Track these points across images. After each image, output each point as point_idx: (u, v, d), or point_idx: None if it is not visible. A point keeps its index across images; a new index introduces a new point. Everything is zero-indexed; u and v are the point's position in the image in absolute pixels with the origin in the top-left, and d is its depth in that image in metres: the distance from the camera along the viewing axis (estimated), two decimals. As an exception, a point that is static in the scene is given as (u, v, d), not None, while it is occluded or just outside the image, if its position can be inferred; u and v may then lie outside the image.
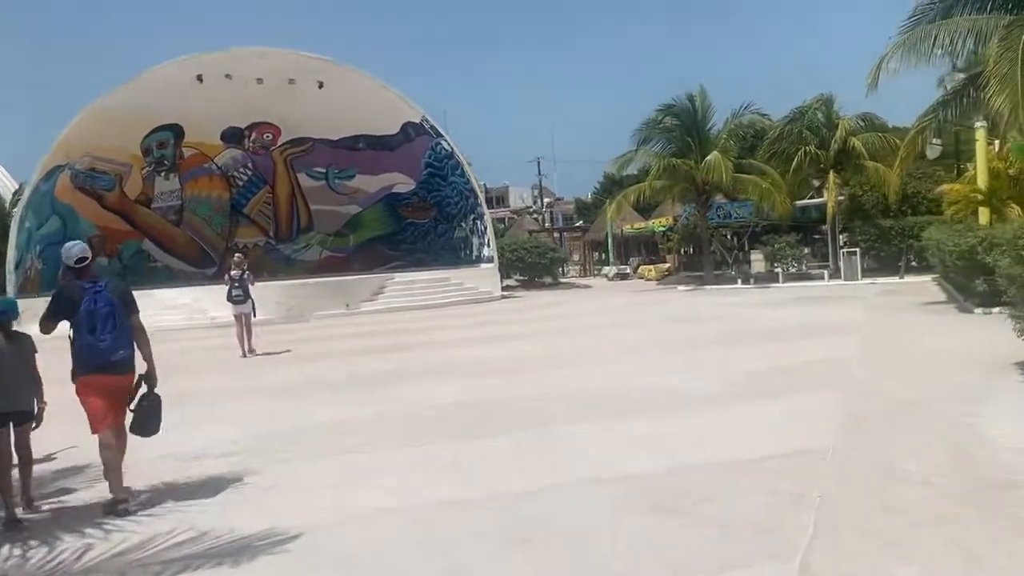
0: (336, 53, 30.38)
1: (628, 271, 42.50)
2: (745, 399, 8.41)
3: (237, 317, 15.99)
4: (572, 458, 6.35)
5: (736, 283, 29.26)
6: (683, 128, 29.59)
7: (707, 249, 31.49)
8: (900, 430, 6.70)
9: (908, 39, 16.05)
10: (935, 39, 15.67)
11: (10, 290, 26.00)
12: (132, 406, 5.87)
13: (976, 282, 15.25)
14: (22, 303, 6.70)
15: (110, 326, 5.60)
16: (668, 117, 29.95)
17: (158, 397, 5.94)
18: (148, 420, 5.89)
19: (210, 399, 10.61)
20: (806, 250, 32.48)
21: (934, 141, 19.68)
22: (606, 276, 42.32)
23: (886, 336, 13.05)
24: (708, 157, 27.73)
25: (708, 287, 28.62)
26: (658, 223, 40.81)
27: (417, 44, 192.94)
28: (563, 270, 42.47)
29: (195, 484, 6.24)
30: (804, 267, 30.78)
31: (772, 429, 7.05)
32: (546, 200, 78.01)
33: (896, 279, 26.85)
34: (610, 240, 45.05)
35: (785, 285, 27.48)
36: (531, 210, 77.81)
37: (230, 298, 16.11)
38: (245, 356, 15.66)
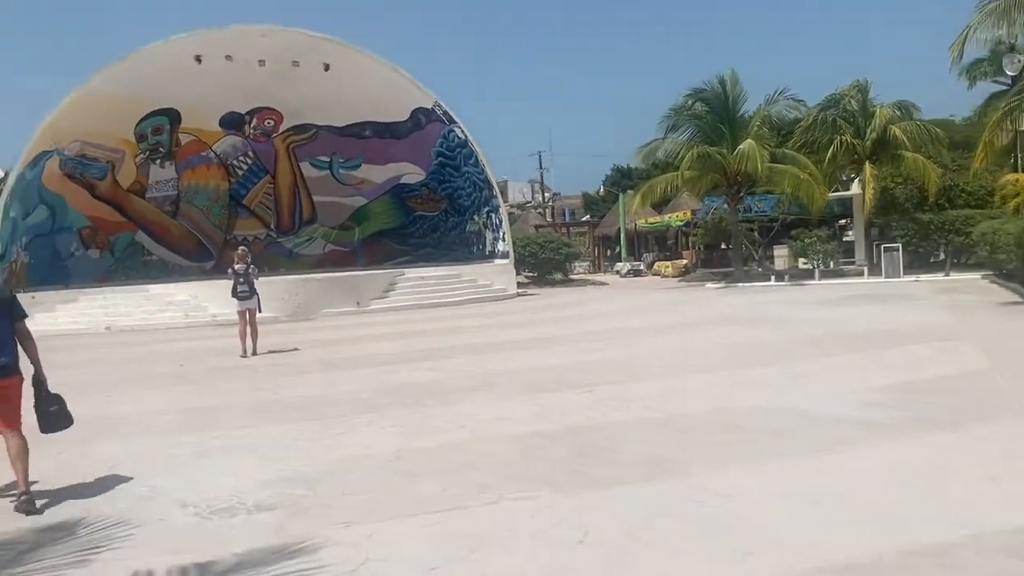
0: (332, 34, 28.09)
1: (642, 267, 40.79)
2: (906, 428, 6.68)
3: (241, 314, 14.72)
4: (745, 531, 4.57)
5: (769, 280, 27.56)
6: (713, 115, 27.78)
7: (737, 245, 29.69)
8: None
9: (999, 7, 14.38)
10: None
11: (-7, 285, 24.12)
12: (35, 408, 5.97)
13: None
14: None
15: None
16: (697, 103, 28.14)
17: (59, 396, 6.11)
18: (58, 419, 6.10)
19: (223, 418, 8.80)
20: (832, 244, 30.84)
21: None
22: (618, 272, 40.55)
23: (1005, 344, 11.27)
24: (741, 146, 25.90)
25: (740, 284, 26.87)
26: (675, 217, 39.01)
27: (412, 33, 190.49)
28: (571, 266, 40.69)
29: (228, 565, 4.43)
30: (836, 263, 29.11)
31: (988, 478, 5.31)
32: (547, 194, 76.33)
33: (941, 276, 25.22)
34: (623, 235, 43.28)
35: (823, 282, 25.80)
36: (530, 204, 76.03)
37: (235, 294, 14.79)
38: (245, 355, 14.32)
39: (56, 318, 22.79)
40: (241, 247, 16.89)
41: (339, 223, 33.80)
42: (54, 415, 6.05)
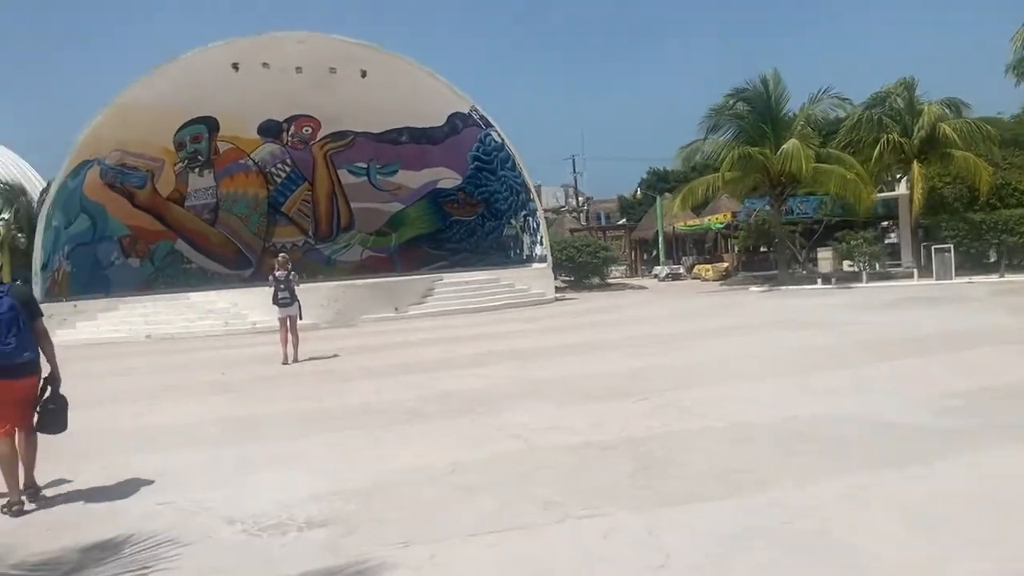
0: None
1: (681, 271, 40.20)
2: (990, 436, 6.25)
3: (282, 320, 14.67)
4: (840, 552, 4.21)
5: (815, 283, 26.90)
6: (755, 114, 27.19)
7: (782, 247, 29.05)
8: None
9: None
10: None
11: (36, 294, 24.25)
12: (38, 407, 6.07)
13: None
14: (49, 308, 6.26)
15: (14, 330, 5.77)
16: (739, 103, 27.59)
17: (64, 398, 6.19)
18: (55, 419, 6.13)
19: (267, 428, 8.58)
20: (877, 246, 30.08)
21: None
22: (656, 276, 40.00)
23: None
24: (785, 145, 25.31)
25: (784, 287, 26.26)
26: (715, 220, 38.40)
27: (442, 39, 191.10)
28: (608, 270, 40.20)
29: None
30: (883, 265, 28.37)
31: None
32: (580, 199, 75.92)
33: (995, 277, 24.40)
34: (660, 238, 42.74)
35: (872, 285, 25.09)
36: (563, 209, 75.65)
37: (276, 300, 14.73)
38: (287, 363, 14.20)
39: (97, 326, 22.94)
40: (282, 254, 16.79)
41: (376, 229, 33.76)
42: (52, 413, 6.11)
